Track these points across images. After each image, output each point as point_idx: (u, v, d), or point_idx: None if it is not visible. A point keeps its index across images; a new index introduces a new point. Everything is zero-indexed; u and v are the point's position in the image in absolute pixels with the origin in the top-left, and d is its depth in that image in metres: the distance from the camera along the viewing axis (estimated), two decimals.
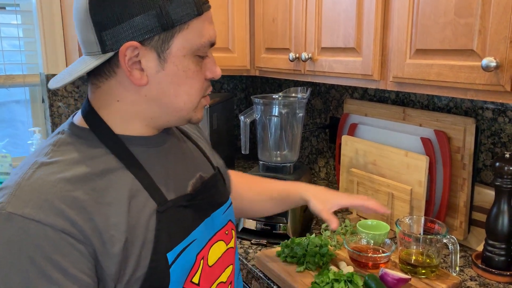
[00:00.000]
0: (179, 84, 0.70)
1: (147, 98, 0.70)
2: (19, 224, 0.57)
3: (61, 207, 0.59)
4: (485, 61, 0.90)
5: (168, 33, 0.66)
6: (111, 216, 0.63)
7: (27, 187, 0.60)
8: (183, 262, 0.70)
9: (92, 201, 0.62)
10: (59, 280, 0.58)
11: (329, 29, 1.37)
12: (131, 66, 0.66)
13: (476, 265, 1.24)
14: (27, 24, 2.15)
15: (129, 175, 0.68)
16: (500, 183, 1.17)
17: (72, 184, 0.62)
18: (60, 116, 2.15)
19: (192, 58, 0.70)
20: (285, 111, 1.49)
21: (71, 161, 0.65)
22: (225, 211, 0.85)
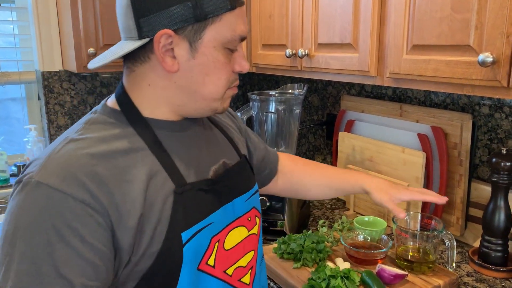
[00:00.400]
0: (208, 74, 0.73)
1: (176, 85, 0.73)
2: (45, 192, 0.62)
3: (83, 180, 0.64)
4: (481, 57, 0.90)
5: (201, 24, 0.70)
6: (130, 192, 0.67)
7: (55, 160, 0.65)
8: (197, 243, 0.73)
9: (112, 177, 0.66)
10: (77, 246, 0.62)
11: (326, 25, 1.36)
12: (164, 53, 0.70)
13: (472, 261, 1.24)
14: (22, 21, 2.14)
15: (152, 156, 0.72)
16: (497, 179, 1.18)
17: (96, 160, 0.66)
18: (56, 114, 2.14)
19: (222, 50, 0.73)
20: (281, 108, 1.49)
21: (98, 138, 0.69)
22: (249, 198, 0.87)
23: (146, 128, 0.74)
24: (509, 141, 1.30)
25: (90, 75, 2.19)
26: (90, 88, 2.20)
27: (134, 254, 0.67)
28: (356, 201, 1.61)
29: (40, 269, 0.60)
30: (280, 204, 1.42)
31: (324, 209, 1.69)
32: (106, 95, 2.24)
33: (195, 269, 0.73)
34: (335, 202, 1.76)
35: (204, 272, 0.75)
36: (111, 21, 1.86)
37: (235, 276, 0.81)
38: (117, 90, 0.78)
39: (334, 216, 1.62)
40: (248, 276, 0.85)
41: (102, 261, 0.64)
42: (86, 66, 1.86)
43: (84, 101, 2.20)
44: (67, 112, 2.16)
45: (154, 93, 0.74)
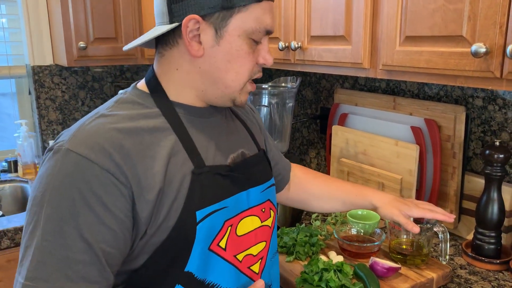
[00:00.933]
0: (230, 61, 0.76)
1: (200, 70, 0.77)
2: (73, 160, 0.66)
3: (109, 151, 0.67)
4: (474, 47, 0.89)
5: (227, 12, 0.73)
6: (151, 168, 0.70)
7: (85, 131, 0.70)
8: (210, 223, 0.75)
9: (137, 152, 0.70)
10: (99, 212, 0.66)
11: (319, 17, 1.35)
12: (191, 38, 0.74)
13: (466, 253, 1.24)
14: (12, 14, 2.11)
15: (174, 137, 0.75)
16: (490, 171, 1.17)
17: (122, 134, 0.70)
18: (47, 108, 2.12)
19: (246, 40, 0.75)
20: (274, 101, 1.48)
21: (126, 116, 0.73)
22: (264, 190, 0.89)
23: (172, 111, 0.78)
24: (503, 133, 1.30)
25: (82, 70, 2.16)
26: (81, 82, 2.18)
27: (151, 226, 0.70)
28: None
29: (63, 230, 0.64)
30: None
31: None
32: (98, 90, 2.23)
33: (207, 249, 0.75)
34: None
35: (215, 253, 0.77)
36: (102, 14, 1.83)
37: (245, 263, 0.83)
38: (148, 74, 0.82)
39: None
40: (258, 266, 0.86)
41: (121, 230, 0.68)
42: (77, 60, 1.84)
43: (76, 96, 2.17)
44: (58, 107, 2.14)
45: (180, 77, 0.78)
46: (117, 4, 1.85)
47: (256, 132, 0.98)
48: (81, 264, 0.65)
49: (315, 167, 2.08)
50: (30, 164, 2.02)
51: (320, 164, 2.04)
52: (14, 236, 1.53)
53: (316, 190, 1.14)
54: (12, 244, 1.53)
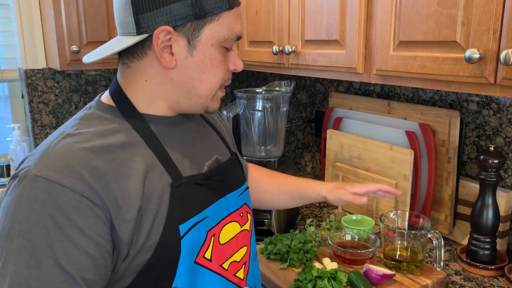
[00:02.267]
0: (204, 71, 0.74)
1: (173, 81, 0.75)
2: (43, 186, 0.62)
3: (81, 172, 0.64)
4: (468, 53, 0.88)
5: (200, 22, 0.71)
6: (128, 185, 0.67)
7: (52, 153, 0.66)
8: (194, 236, 0.74)
9: (111, 170, 0.67)
10: (76, 238, 0.62)
11: (313, 21, 1.34)
12: (163, 49, 0.72)
13: (461, 259, 1.23)
14: (4, 17, 2.09)
15: (148, 150, 0.73)
16: (485, 176, 1.17)
17: (93, 153, 0.67)
18: (41, 112, 2.10)
19: (219, 49, 0.74)
20: (268, 105, 1.47)
21: (94, 133, 0.70)
22: (240, 194, 0.88)
23: (142, 123, 0.75)
24: (497, 138, 1.29)
25: (75, 73, 2.15)
26: (75, 86, 2.16)
27: (133, 247, 0.68)
28: None
29: (39, 261, 0.60)
30: None
31: (313, 207, 1.67)
32: (92, 93, 2.21)
33: (193, 262, 0.74)
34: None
35: (201, 265, 0.76)
36: (95, 17, 1.82)
37: (230, 271, 0.82)
38: (111, 86, 0.78)
39: (323, 215, 1.60)
40: (242, 271, 0.85)
41: (101, 255, 0.65)
42: (70, 64, 1.82)
43: (69, 99, 2.16)
44: (51, 110, 2.12)
45: (151, 89, 0.75)
46: (110, 8, 1.84)
47: (225, 136, 0.97)
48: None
49: (310, 170, 2.07)
50: None
51: (315, 168, 2.03)
52: None
53: (268, 187, 1.14)
54: None
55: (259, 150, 1.51)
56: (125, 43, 0.72)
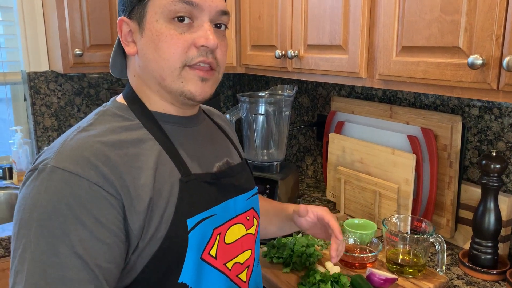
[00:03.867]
0: (155, 49, 0.74)
1: (141, 68, 0.77)
2: (60, 176, 0.65)
3: (96, 163, 0.66)
4: (471, 59, 0.89)
5: (142, 2, 0.74)
6: (139, 178, 0.69)
7: (69, 146, 0.68)
8: (200, 231, 0.75)
9: (123, 163, 0.69)
10: (92, 227, 0.64)
11: (315, 26, 1.35)
12: (127, 40, 0.77)
13: (463, 263, 1.24)
14: (7, 20, 2.10)
15: (158, 147, 0.75)
16: (487, 181, 1.17)
17: (107, 147, 0.69)
18: (43, 115, 2.10)
19: (166, 23, 0.73)
20: (271, 109, 1.47)
21: (108, 129, 0.73)
22: (249, 198, 0.89)
23: (152, 121, 0.77)
24: (499, 143, 1.30)
25: (77, 76, 2.15)
26: (77, 89, 2.17)
27: (142, 238, 0.69)
28: (347, 203, 1.60)
29: (56, 248, 0.62)
30: None
31: None
32: (94, 96, 2.22)
33: (199, 258, 0.75)
34: (326, 204, 1.75)
35: (207, 262, 0.77)
36: (98, 21, 1.83)
37: (234, 271, 0.83)
38: (126, 87, 0.83)
39: None
40: (245, 274, 0.86)
41: (116, 243, 0.66)
42: (73, 67, 1.83)
43: (72, 102, 2.16)
44: (54, 113, 2.13)
45: (140, 83, 0.79)
46: (113, 11, 1.85)
47: (236, 142, 0.99)
48: (77, 282, 0.62)
49: (311, 174, 2.08)
50: (25, 171, 2.00)
51: (317, 171, 2.04)
52: (8, 245, 1.52)
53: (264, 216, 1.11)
54: (6, 253, 1.52)
55: (262, 154, 1.52)
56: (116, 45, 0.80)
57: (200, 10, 0.73)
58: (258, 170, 1.48)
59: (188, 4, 0.72)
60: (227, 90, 2.60)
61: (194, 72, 0.75)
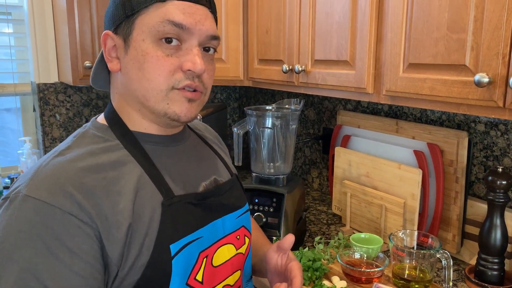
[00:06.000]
0: (139, 69, 0.71)
1: (123, 86, 0.75)
2: (32, 205, 0.62)
3: (70, 191, 0.63)
4: (477, 77, 0.90)
5: (130, 19, 0.71)
6: (118, 203, 0.66)
7: (42, 173, 0.65)
8: (185, 257, 0.71)
9: (101, 188, 0.66)
10: (65, 258, 0.61)
11: (322, 41, 1.37)
12: (111, 55, 0.74)
13: (469, 279, 1.23)
14: (19, 33, 2.13)
15: (139, 168, 0.72)
16: (493, 197, 1.17)
17: (83, 172, 0.66)
18: (51, 126, 2.13)
19: (152, 43, 0.70)
20: (278, 123, 1.49)
21: (86, 152, 0.70)
22: (239, 216, 0.86)
23: (133, 142, 0.74)
24: (505, 159, 1.30)
25: (86, 88, 2.18)
26: (85, 100, 2.20)
27: (122, 267, 0.66)
28: (353, 217, 1.60)
29: (27, 283, 0.59)
30: (277, 220, 1.41)
31: (320, 225, 1.68)
32: (102, 107, 2.24)
33: (184, 284, 0.72)
34: (331, 218, 1.76)
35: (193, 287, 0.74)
36: None
37: None
38: (107, 106, 0.80)
39: (331, 232, 1.61)
40: None
41: (92, 275, 0.63)
42: (82, 79, 1.86)
43: (80, 113, 2.19)
44: (62, 124, 2.15)
45: (123, 101, 0.76)
46: None
47: (226, 158, 0.95)
48: None
49: (317, 187, 2.08)
50: None
51: (322, 184, 2.05)
52: None
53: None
54: None
55: (268, 167, 1.53)
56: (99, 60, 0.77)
57: (189, 34, 0.71)
58: (264, 183, 1.49)
59: (178, 26, 0.69)
60: (233, 103, 2.62)
61: (181, 93, 0.72)
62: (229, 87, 2.59)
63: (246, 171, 2.38)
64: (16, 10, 2.12)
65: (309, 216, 1.76)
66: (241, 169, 2.42)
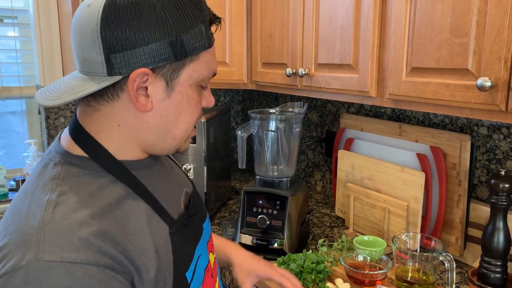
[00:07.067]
0: (181, 113, 0.70)
1: (148, 125, 0.68)
2: (62, 270, 0.55)
3: (97, 243, 0.58)
4: (480, 81, 0.91)
5: (179, 63, 0.66)
6: (139, 244, 0.63)
7: (54, 230, 0.58)
8: (197, 279, 0.72)
9: (119, 232, 0.62)
10: None
11: (326, 45, 1.38)
12: (138, 92, 0.65)
13: (472, 281, 1.24)
14: (24, 36, 2.15)
15: (140, 201, 0.68)
16: (496, 200, 1.18)
17: (97, 219, 0.60)
18: (56, 128, 2.15)
19: (196, 89, 0.71)
20: (282, 126, 1.50)
21: (84, 195, 0.63)
22: (208, 223, 0.87)
23: (125, 172, 0.68)
24: (508, 162, 1.31)
25: None
26: None
27: None
28: (356, 220, 1.61)
29: None
30: (280, 223, 1.42)
31: (324, 227, 1.69)
32: None
33: None
34: (335, 220, 1.76)
35: None
36: None
37: None
38: (75, 132, 0.68)
39: (334, 235, 1.62)
40: None
41: None
42: None
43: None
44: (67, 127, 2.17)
45: (124, 134, 0.68)
46: None
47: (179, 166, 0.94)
48: None
49: (320, 189, 2.09)
50: None
51: (326, 187, 2.05)
52: None
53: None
54: None
55: (272, 170, 1.54)
56: (94, 85, 0.63)
57: None
58: (268, 186, 1.50)
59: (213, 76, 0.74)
60: (236, 105, 2.63)
61: (193, 131, 0.76)
62: (233, 90, 2.60)
63: (249, 174, 2.39)
64: (22, 14, 2.14)
65: (312, 218, 1.77)
66: (245, 172, 2.43)
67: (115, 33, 0.62)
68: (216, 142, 1.85)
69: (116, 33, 0.62)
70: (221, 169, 1.93)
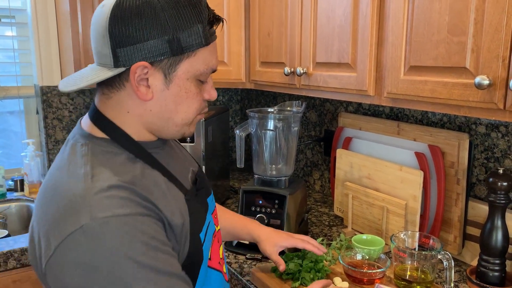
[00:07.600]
0: (180, 103, 0.78)
1: (152, 113, 0.77)
2: (117, 222, 0.65)
3: (136, 200, 0.69)
4: (478, 79, 0.91)
5: (176, 58, 0.74)
6: (166, 205, 0.74)
7: (98, 194, 0.67)
8: (208, 242, 0.83)
9: (150, 196, 0.71)
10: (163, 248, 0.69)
11: (324, 44, 1.38)
12: (139, 83, 0.74)
13: (470, 280, 1.24)
14: (22, 36, 2.15)
15: (158, 173, 0.77)
16: (494, 199, 1.18)
17: (131, 184, 0.70)
18: (55, 128, 2.14)
19: (194, 82, 0.78)
20: (280, 125, 1.50)
21: (114, 167, 0.72)
22: (212, 198, 0.96)
23: (142, 150, 0.78)
24: (506, 160, 1.31)
25: (89, 90, 2.20)
26: (88, 102, 2.21)
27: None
28: (354, 219, 1.61)
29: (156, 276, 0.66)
30: (279, 222, 1.42)
31: (322, 226, 1.69)
32: None
33: (206, 267, 0.83)
34: (333, 219, 1.76)
35: (211, 267, 0.85)
36: None
37: (221, 266, 0.92)
38: (96, 118, 0.78)
39: (332, 233, 1.62)
40: (224, 266, 0.96)
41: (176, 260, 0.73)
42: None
43: (82, 116, 2.20)
44: (65, 126, 2.17)
45: (134, 119, 0.78)
46: None
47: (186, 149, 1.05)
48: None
49: (319, 188, 2.09)
50: (36, 184, 2.03)
51: (324, 186, 2.05)
52: (20, 257, 1.54)
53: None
54: (18, 265, 1.54)
55: (270, 169, 1.54)
56: (102, 74, 0.73)
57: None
58: (266, 185, 1.49)
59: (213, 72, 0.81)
60: (235, 105, 2.63)
61: (199, 117, 0.83)
62: (231, 89, 2.60)
63: (248, 173, 2.39)
64: (20, 14, 2.14)
65: (311, 217, 1.77)
66: (243, 171, 2.43)
67: (120, 30, 0.71)
68: (215, 141, 1.85)
69: (121, 30, 0.71)
70: (220, 168, 1.93)
